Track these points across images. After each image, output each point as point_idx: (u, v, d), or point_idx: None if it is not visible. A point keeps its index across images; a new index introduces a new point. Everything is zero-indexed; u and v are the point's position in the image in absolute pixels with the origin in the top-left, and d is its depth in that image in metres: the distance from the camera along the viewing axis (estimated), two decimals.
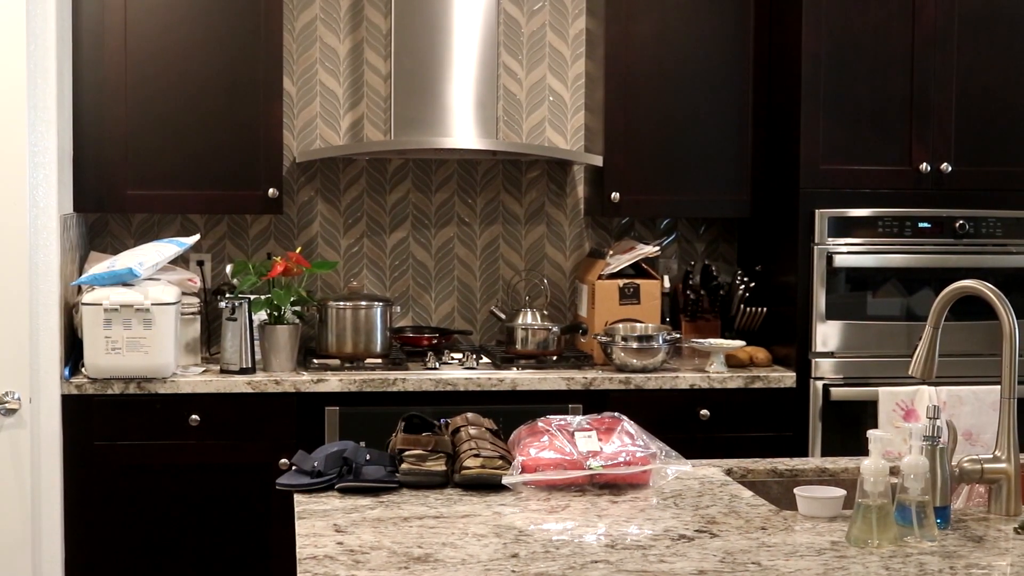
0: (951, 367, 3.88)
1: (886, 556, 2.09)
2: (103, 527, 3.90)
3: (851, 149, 4.20)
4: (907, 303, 4.24)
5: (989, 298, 2.40)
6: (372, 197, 4.63)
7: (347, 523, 2.27)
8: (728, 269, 4.73)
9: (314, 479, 2.52)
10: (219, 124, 4.19)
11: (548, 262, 4.73)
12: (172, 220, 4.50)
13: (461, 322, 4.69)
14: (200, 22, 4.17)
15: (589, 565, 2.02)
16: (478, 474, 2.51)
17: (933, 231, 4.22)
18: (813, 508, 2.34)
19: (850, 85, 4.19)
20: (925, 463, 2.20)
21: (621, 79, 4.38)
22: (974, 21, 4.22)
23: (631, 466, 2.54)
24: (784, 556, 2.08)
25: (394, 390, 3.99)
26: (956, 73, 4.22)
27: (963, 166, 4.22)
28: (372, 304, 4.21)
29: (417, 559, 2.05)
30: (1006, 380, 2.40)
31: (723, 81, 4.43)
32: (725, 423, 4.14)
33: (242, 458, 3.93)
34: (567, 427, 2.64)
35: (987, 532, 2.27)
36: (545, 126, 4.70)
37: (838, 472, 2.77)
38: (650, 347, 4.16)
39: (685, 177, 4.43)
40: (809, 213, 4.17)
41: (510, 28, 4.65)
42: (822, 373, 4.18)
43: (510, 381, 4.05)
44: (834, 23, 4.18)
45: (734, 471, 2.74)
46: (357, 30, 4.59)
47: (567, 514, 2.36)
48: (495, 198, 4.69)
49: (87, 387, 3.86)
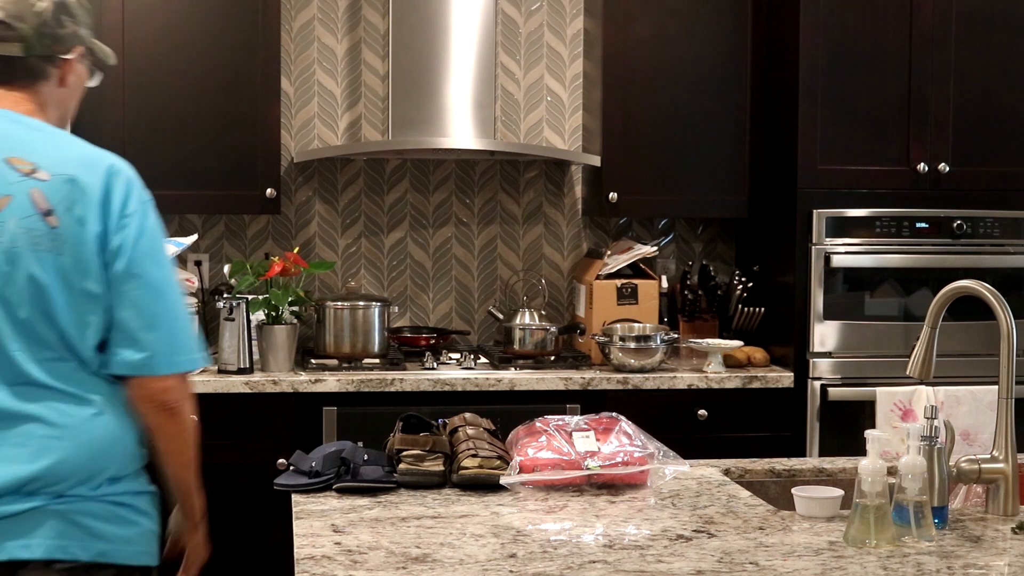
0: (949, 367, 3.89)
1: (884, 556, 2.09)
2: None
3: (849, 149, 4.21)
4: (905, 303, 4.24)
5: (987, 298, 2.40)
6: (370, 197, 4.63)
7: (345, 523, 2.27)
8: (726, 269, 4.73)
9: (312, 479, 2.52)
10: (217, 124, 4.19)
11: (546, 262, 4.73)
12: (170, 220, 4.49)
13: (459, 322, 4.69)
14: (198, 22, 4.17)
15: (587, 565, 2.02)
16: (476, 474, 2.51)
17: (931, 231, 4.23)
18: (811, 508, 2.34)
19: (848, 85, 4.19)
20: (923, 463, 2.20)
21: (619, 79, 4.38)
22: (971, 21, 4.22)
23: (629, 466, 2.54)
24: (782, 556, 2.08)
25: (392, 390, 3.99)
26: (954, 73, 4.22)
27: (961, 166, 4.23)
28: (370, 304, 4.21)
29: (415, 559, 2.05)
30: (1004, 380, 2.40)
31: (721, 81, 4.43)
32: (723, 423, 4.14)
33: (240, 458, 3.93)
34: (565, 427, 2.64)
35: (985, 532, 2.27)
36: (543, 126, 4.70)
37: (836, 472, 2.77)
38: (648, 347, 4.16)
39: (683, 177, 4.43)
40: (807, 213, 4.17)
41: (508, 28, 4.65)
42: (820, 373, 4.18)
43: (508, 381, 4.05)
44: (832, 23, 4.18)
45: (732, 471, 2.74)
46: (355, 30, 4.59)
47: (565, 514, 2.36)
48: (493, 198, 4.69)
49: None
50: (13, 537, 2.09)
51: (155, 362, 2.16)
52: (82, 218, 2.13)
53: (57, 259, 2.11)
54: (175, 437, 2.23)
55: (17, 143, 2.17)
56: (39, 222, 2.11)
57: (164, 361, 2.17)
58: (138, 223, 2.17)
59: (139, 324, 2.15)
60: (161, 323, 2.17)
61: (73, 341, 2.14)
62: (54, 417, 2.12)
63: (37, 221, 2.11)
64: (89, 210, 2.13)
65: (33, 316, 2.11)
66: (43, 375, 2.13)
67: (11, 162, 2.14)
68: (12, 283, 2.10)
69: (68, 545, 2.11)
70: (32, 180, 2.13)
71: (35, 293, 2.11)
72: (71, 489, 2.13)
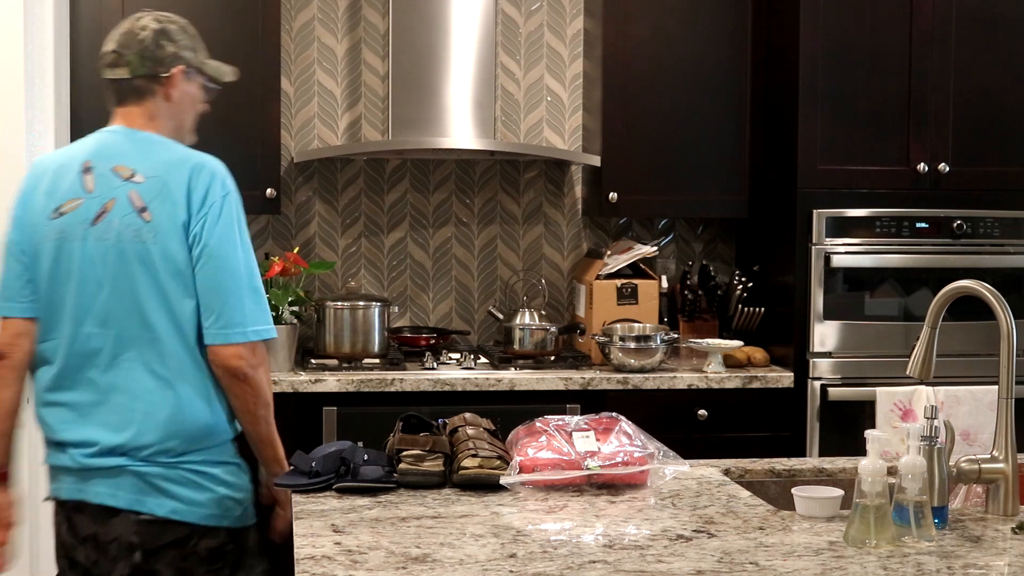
0: (949, 367, 3.90)
1: (884, 556, 2.09)
2: None
3: (849, 149, 4.21)
4: (905, 303, 4.24)
5: (987, 298, 2.40)
6: (370, 197, 4.63)
7: (345, 523, 2.27)
8: (726, 269, 4.73)
9: (312, 479, 2.52)
10: (217, 124, 4.16)
11: (546, 262, 4.73)
12: None
13: (459, 322, 4.69)
14: (198, 22, 4.14)
15: (587, 565, 2.02)
16: (476, 474, 2.51)
17: (931, 231, 4.23)
18: (811, 508, 2.34)
19: (848, 85, 4.19)
20: (923, 463, 2.20)
21: (619, 79, 4.38)
22: (971, 21, 4.22)
23: (629, 466, 2.54)
24: (782, 556, 2.08)
25: (392, 390, 3.99)
26: (954, 73, 4.22)
27: (961, 166, 4.23)
28: (370, 304, 4.21)
29: (415, 559, 2.05)
30: (1004, 380, 2.40)
31: (721, 81, 4.43)
32: (723, 423, 4.14)
33: None
34: (565, 427, 2.63)
35: (985, 532, 2.27)
36: (543, 126, 4.70)
37: (836, 472, 2.77)
38: (648, 347, 4.16)
39: (683, 177, 4.43)
40: (807, 213, 4.17)
41: (508, 28, 4.65)
42: (820, 373, 4.18)
43: (508, 381, 4.05)
44: (832, 23, 4.18)
45: (732, 471, 2.74)
46: (355, 30, 4.59)
47: (565, 514, 2.36)
48: (493, 198, 4.70)
49: None
50: (106, 487, 2.55)
51: (225, 332, 2.54)
52: (169, 211, 2.54)
53: (152, 248, 2.52)
54: (246, 398, 2.59)
55: (122, 153, 2.61)
56: (136, 218, 2.54)
57: (233, 331, 2.54)
58: (216, 211, 2.55)
59: (213, 298, 2.53)
60: (232, 297, 2.54)
61: (167, 322, 2.53)
62: (141, 392, 2.53)
63: (134, 217, 2.54)
64: (174, 203, 2.54)
65: (134, 300, 2.53)
66: (140, 354, 2.53)
67: (116, 170, 2.59)
68: (118, 271, 2.53)
69: (145, 500, 2.54)
70: (131, 184, 2.56)
71: (136, 279, 2.53)
72: (152, 456, 2.53)
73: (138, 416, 2.53)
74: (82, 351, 2.57)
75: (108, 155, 2.61)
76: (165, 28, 2.68)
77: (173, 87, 2.68)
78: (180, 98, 2.70)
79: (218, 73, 2.81)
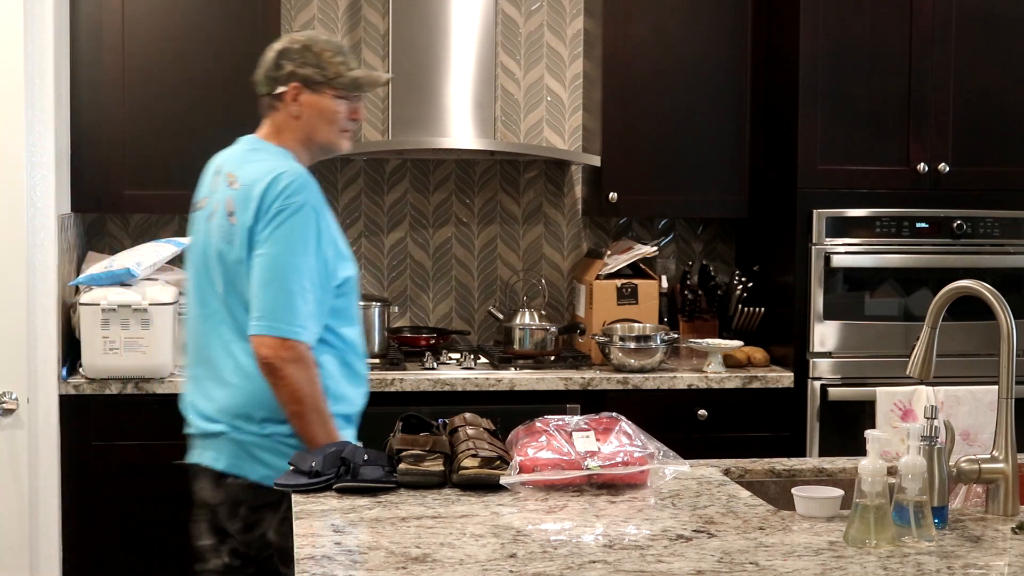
0: (949, 367, 3.90)
1: (884, 556, 2.09)
2: (101, 527, 3.90)
3: (849, 149, 4.21)
4: (905, 303, 4.24)
5: (987, 298, 2.40)
6: (370, 197, 4.63)
7: (345, 523, 2.27)
8: (726, 269, 4.73)
9: (312, 479, 2.52)
10: (217, 124, 4.18)
11: (546, 262, 4.73)
12: (170, 220, 4.50)
13: (459, 322, 4.69)
14: (198, 22, 4.17)
15: (587, 565, 2.02)
16: (476, 474, 2.51)
17: (931, 231, 4.23)
18: (811, 508, 2.34)
19: (848, 85, 4.19)
20: (923, 463, 2.20)
21: (619, 79, 4.38)
22: (971, 21, 4.22)
23: (629, 466, 2.54)
24: (782, 556, 2.08)
25: (392, 390, 3.99)
26: (954, 73, 4.22)
27: (961, 166, 4.23)
28: (370, 304, 4.21)
29: (415, 559, 2.05)
30: (1004, 380, 2.40)
31: (721, 81, 4.43)
32: (723, 423, 4.14)
33: None
34: (565, 427, 2.63)
35: (985, 532, 2.27)
36: (543, 126, 4.70)
37: (836, 472, 2.77)
38: (648, 347, 4.16)
39: (683, 177, 4.43)
40: (807, 213, 4.17)
41: (508, 28, 4.65)
42: (820, 373, 4.18)
43: (508, 381, 4.05)
44: (832, 24, 4.18)
45: (732, 471, 2.74)
46: (355, 30, 4.58)
47: (565, 514, 2.35)
48: (493, 198, 4.70)
49: (85, 387, 3.86)
50: (210, 450, 2.85)
51: (259, 324, 2.71)
52: (246, 216, 2.75)
53: (232, 248, 2.77)
54: (278, 390, 2.72)
55: (236, 161, 2.89)
56: (225, 220, 2.80)
57: (265, 324, 2.70)
58: (282, 218, 2.72)
59: (255, 291, 2.73)
60: (270, 293, 2.71)
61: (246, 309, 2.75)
62: (232, 367, 2.79)
63: (225, 220, 2.80)
64: (250, 210, 2.75)
65: (225, 290, 2.79)
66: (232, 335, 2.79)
67: (227, 176, 2.86)
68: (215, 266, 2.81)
69: (241, 465, 2.79)
70: (230, 190, 2.82)
71: (224, 273, 2.79)
72: (243, 424, 2.78)
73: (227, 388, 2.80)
74: (195, 330, 2.90)
75: (230, 162, 2.90)
76: (286, 47, 2.89)
77: (292, 101, 2.88)
78: (300, 111, 2.89)
79: (353, 85, 2.91)
